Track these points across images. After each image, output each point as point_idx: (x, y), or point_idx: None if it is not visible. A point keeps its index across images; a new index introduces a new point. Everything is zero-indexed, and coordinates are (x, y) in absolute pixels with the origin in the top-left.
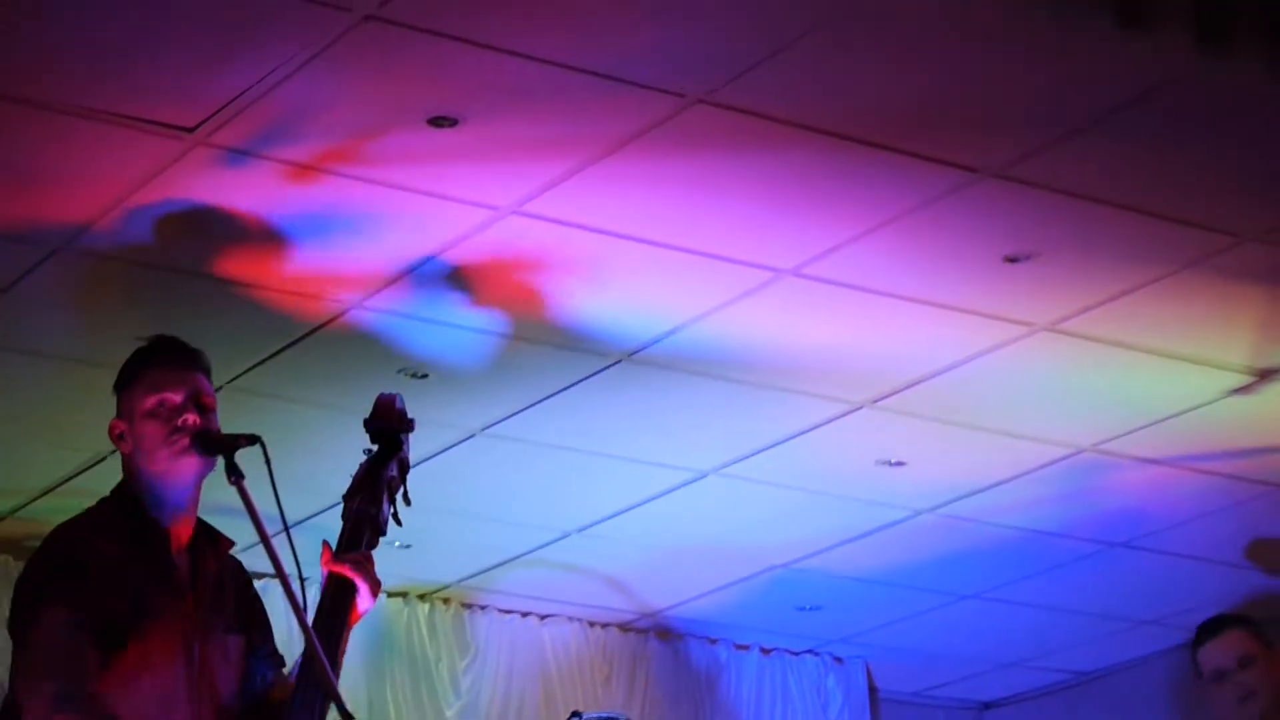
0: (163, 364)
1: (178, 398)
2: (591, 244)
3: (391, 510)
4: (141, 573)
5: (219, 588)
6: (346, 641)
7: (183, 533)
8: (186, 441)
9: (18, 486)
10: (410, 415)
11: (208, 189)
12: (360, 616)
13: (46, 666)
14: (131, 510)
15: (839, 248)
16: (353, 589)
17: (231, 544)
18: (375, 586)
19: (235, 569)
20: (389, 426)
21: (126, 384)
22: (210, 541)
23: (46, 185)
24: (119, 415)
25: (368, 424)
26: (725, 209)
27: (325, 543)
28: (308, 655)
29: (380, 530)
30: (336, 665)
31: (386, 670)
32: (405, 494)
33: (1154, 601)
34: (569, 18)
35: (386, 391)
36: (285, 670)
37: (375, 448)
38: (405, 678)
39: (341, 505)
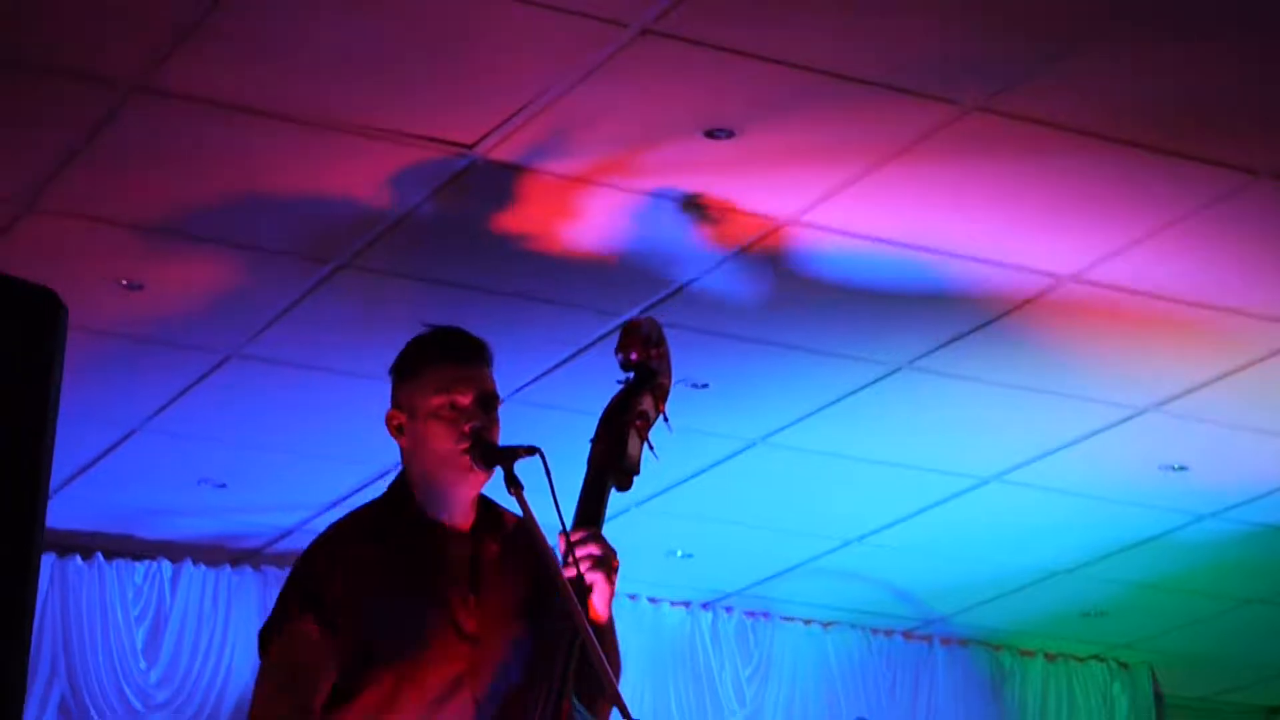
0: (451, 360)
1: (466, 399)
2: (869, 253)
3: (645, 445)
4: (402, 581)
5: (503, 570)
6: (615, 648)
7: (463, 522)
8: (469, 459)
9: (304, 500)
10: (661, 337)
11: (487, 204)
12: (602, 618)
13: (280, 684)
14: (405, 509)
15: (1119, 252)
16: (586, 587)
17: (514, 519)
18: (610, 584)
19: (520, 538)
20: (637, 354)
21: (410, 376)
22: (492, 521)
23: (330, 204)
24: (398, 406)
25: (616, 353)
26: (1003, 216)
27: (563, 533)
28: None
29: (630, 470)
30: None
31: (670, 680)
32: (666, 418)
33: None
34: (844, 27)
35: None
36: None
37: (629, 377)
38: (689, 687)
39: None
